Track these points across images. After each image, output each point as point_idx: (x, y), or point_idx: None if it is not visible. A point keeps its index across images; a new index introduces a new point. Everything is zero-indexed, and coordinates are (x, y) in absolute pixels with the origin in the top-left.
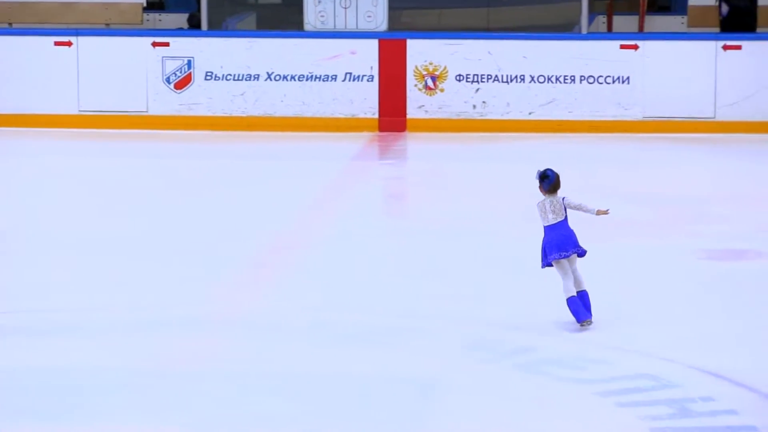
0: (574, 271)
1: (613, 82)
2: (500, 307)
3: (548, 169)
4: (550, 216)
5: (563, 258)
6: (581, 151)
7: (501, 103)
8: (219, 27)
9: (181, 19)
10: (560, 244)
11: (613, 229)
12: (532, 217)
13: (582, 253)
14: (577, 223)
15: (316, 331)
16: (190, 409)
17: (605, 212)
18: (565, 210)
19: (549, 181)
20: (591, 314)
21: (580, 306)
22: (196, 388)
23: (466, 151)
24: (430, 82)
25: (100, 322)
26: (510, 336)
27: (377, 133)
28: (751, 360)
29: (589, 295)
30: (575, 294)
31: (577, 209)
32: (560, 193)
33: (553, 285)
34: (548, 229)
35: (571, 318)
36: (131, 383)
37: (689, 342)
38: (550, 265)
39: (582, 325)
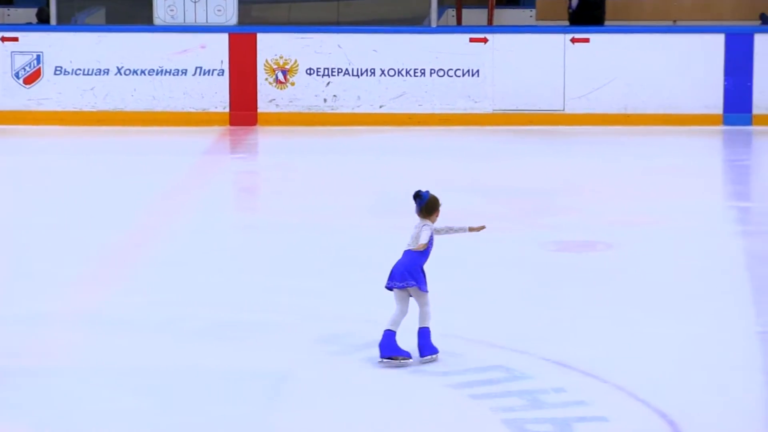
0: (421, 305)
1: (463, 75)
2: (351, 302)
3: (423, 191)
4: (409, 240)
5: (391, 288)
6: (431, 144)
7: (352, 96)
8: (68, 22)
9: (29, 13)
10: (391, 272)
11: (462, 221)
12: (379, 212)
13: (390, 287)
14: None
15: (168, 326)
16: (37, 407)
17: (478, 229)
18: (416, 240)
19: (419, 203)
20: (409, 353)
21: (391, 342)
22: (43, 384)
23: (317, 145)
24: (280, 76)
25: None
26: (362, 329)
27: (228, 127)
28: (601, 350)
29: (430, 333)
30: (394, 329)
31: (448, 233)
32: (440, 222)
33: None
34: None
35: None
36: None
37: (540, 333)
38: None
39: (381, 361)
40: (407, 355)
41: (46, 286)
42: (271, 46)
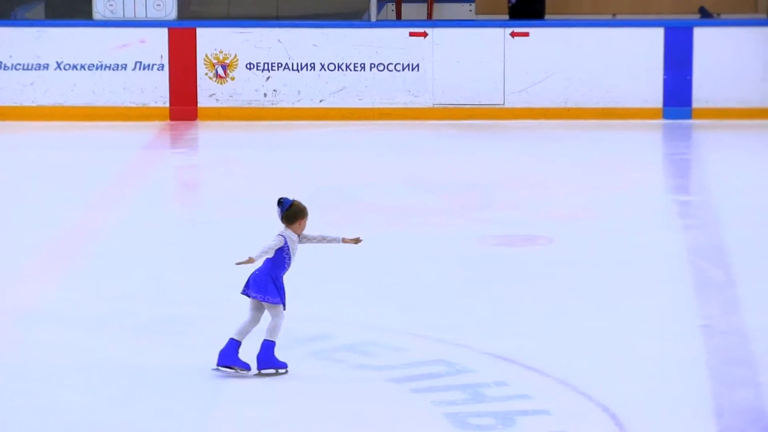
0: (273, 317)
1: (403, 69)
2: (289, 297)
3: (287, 198)
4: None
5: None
6: (371, 139)
7: (292, 91)
8: (7, 16)
9: None
10: (248, 280)
11: (402, 216)
12: (319, 205)
13: (244, 293)
14: (364, 211)
15: (108, 322)
16: None
17: (353, 241)
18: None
19: (280, 209)
20: (248, 365)
21: (231, 352)
22: None
23: (257, 140)
24: (220, 71)
25: None
26: (302, 325)
27: (168, 122)
28: (543, 344)
29: (274, 347)
30: (238, 339)
31: (320, 242)
32: (314, 231)
33: (346, 274)
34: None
35: (363, 305)
36: None
37: (481, 327)
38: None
39: (216, 369)
40: (246, 367)
41: None
42: (210, 40)
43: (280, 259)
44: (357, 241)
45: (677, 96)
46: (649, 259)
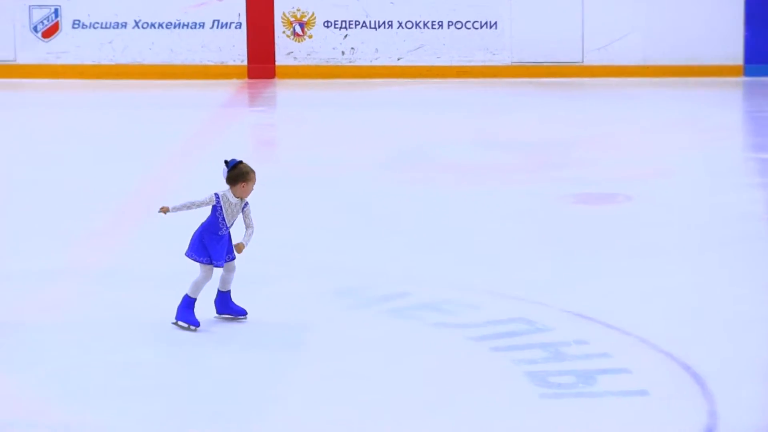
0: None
1: (481, 27)
2: (367, 255)
3: (233, 159)
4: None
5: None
6: (449, 97)
7: (369, 49)
8: None
9: None
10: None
11: (479, 175)
12: (395, 165)
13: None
14: (441, 170)
15: (181, 280)
16: (46, 360)
17: (239, 248)
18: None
19: (225, 168)
20: (197, 322)
21: (184, 307)
22: (53, 339)
23: (334, 98)
24: (298, 29)
25: None
26: (380, 284)
27: (246, 80)
28: (623, 303)
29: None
30: (192, 295)
31: (246, 227)
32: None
33: (419, 231)
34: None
35: (440, 264)
36: None
37: (560, 286)
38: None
39: (178, 324)
40: (195, 324)
41: (59, 240)
42: None
43: (213, 219)
44: (239, 248)
45: (758, 53)
46: (728, 217)
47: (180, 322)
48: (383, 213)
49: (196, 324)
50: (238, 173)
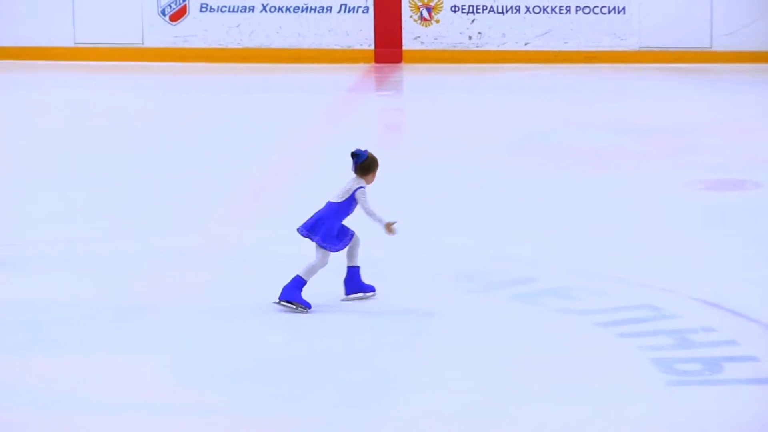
0: (316, 257)
1: (609, 12)
2: (492, 240)
3: (361, 149)
4: (337, 191)
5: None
6: (576, 82)
7: (497, 33)
8: None
9: None
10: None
11: (607, 160)
12: (523, 150)
13: (299, 230)
14: (569, 155)
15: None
16: (175, 341)
17: (392, 229)
18: (346, 193)
19: (355, 161)
20: (309, 304)
21: (293, 288)
22: (181, 321)
23: (462, 83)
24: (425, 13)
25: (78, 255)
26: (505, 269)
27: (373, 64)
28: (751, 290)
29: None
30: (305, 278)
31: (368, 216)
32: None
33: (545, 217)
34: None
35: (566, 249)
36: (101, 316)
37: (688, 272)
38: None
39: (277, 302)
40: (307, 305)
41: (185, 222)
42: None
43: (347, 208)
44: (390, 229)
45: None
46: None
47: (284, 302)
48: (511, 198)
49: (308, 305)
50: (370, 163)
